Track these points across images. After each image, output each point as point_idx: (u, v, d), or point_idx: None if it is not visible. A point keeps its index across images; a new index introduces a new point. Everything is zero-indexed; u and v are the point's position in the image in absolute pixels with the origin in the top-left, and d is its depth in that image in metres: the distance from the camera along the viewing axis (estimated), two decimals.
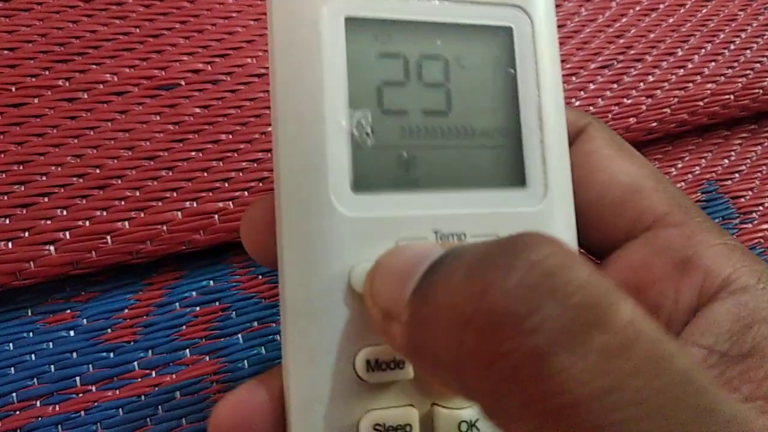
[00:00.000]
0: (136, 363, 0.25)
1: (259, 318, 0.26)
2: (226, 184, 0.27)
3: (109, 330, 0.25)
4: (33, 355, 0.25)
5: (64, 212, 0.25)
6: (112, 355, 0.25)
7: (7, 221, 0.25)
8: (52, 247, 0.25)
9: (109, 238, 0.25)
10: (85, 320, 0.25)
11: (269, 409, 0.17)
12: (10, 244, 0.25)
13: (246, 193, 0.27)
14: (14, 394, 0.24)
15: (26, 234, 0.25)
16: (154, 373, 0.25)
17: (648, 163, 0.20)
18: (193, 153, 0.27)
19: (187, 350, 0.25)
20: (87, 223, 0.25)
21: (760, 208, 0.32)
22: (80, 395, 0.24)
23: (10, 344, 0.25)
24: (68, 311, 0.25)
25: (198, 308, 0.26)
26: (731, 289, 0.17)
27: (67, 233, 0.25)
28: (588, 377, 0.11)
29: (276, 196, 0.17)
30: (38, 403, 0.24)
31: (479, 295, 0.12)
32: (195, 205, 0.26)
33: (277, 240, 0.17)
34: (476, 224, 0.18)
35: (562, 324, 0.11)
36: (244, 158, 0.27)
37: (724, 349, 0.16)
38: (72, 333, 0.25)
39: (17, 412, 0.24)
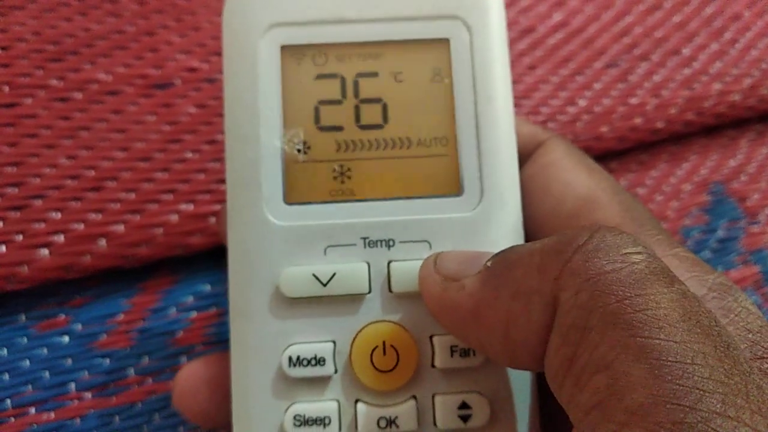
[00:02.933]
0: (132, 369, 0.24)
1: None
2: (223, 186, 0.26)
3: (104, 335, 0.25)
4: (27, 361, 0.24)
5: (58, 215, 0.25)
6: (107, 361, 0.24)
7: (1, 224, 0.25)
8: (46, 251, 0.24)
9: (103, 241, 0.25)
10: (79, 325, 0.25)
11: (210, 386, 0.20)
12: (3, 248, 0.24)
13: None
14: (9, 401, 0.24)
15: (20, 237, 0.24)
16: (150, 379, 0.24)
17: (607, 176, 0.20)
18: (189, 154, 0.26)
19: (184, 356, 0.25)
20: (81, 226, 0.25)
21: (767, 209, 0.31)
22: (75, 402, 0.24)
23: (4, 350, 0.24)
24: (62, 316, 0.25)
25: (195, 313, 0.26)
26: None
27: (62, 236, 0.25)
28: (667, 304, 0.13)
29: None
30: (33, 409, 0.24)
31: (580, 235, 0.15)
32: (191, 207, 0.26)
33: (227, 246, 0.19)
34: (406, 231, 0.19)
35: (658, 267, 0.14)
36: None
37: None
38: (66, 338, 0.25)
39: (12, 419, 0.23)
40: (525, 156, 0.21)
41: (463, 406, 0.18)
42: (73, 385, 0.24)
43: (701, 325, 0.13)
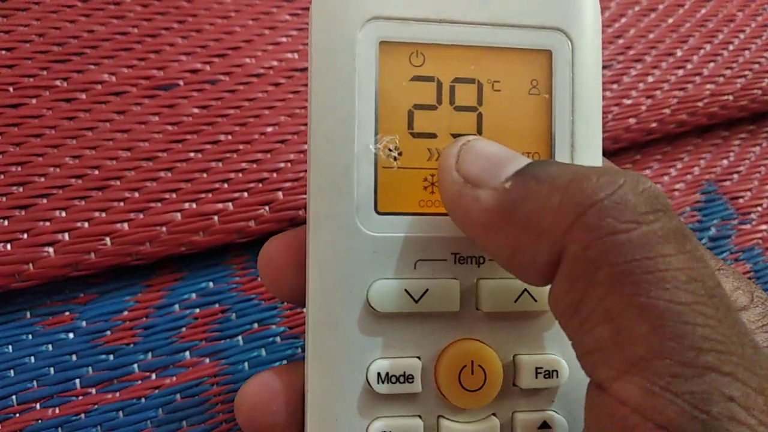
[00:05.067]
0: (136, 365, 0.25)
1: (259, 320, 0.26)
2: (226, 185, 0.27)
3: (109, 332, 0.25)
4: (32, 358, 0.24)
5: (63, 214, 0.25)
6: (111, 357, 0.25)
7: (6, 223, 0.25)
8: (51, 249, 0.25)
9: (108, 239, 0.25)
10: (84, 322, 0.25)
11: (285, 398, 0.19)
12: (8, 246, 0.25)
13: (245, 194, 0.26)
14: (14, 397, 0.24)
15: (25, 235, 0.25)
16: (154, 375, 0.25)
17: None
18: (192, 154, 0.27)
19: (187, 352, 0.25)
20: (86, 224, 0.25)
21: (759, 208, 0.32)
22: (80, 398, 0.24)
23: (9, 346, 0.25)
24: (67, 313, 0.25)
25: (198, 310, 0.26)
26: None
27: (66, 235, 0.25)
28: (675, 267, 0.14)
29: (307, 212, 0.18)
30: (38, 405, 0.24)
31: (602, 188, 0.15)
32: (194, 206, 0.26)
33: (306, 253, 0.18)
34: None
35: (673, 229, 0.14)
36: (243, 159, 0.27)
37: None
38: (71, 335, 0.25)
39: (17, 415, 0.24)
40: None
41: (544, 425, 0.18)
42: (77, 381, 0.24)
43: (706, 287, 0.14)
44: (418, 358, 0.18)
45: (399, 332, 0.18)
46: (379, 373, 0.17)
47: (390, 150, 0.18)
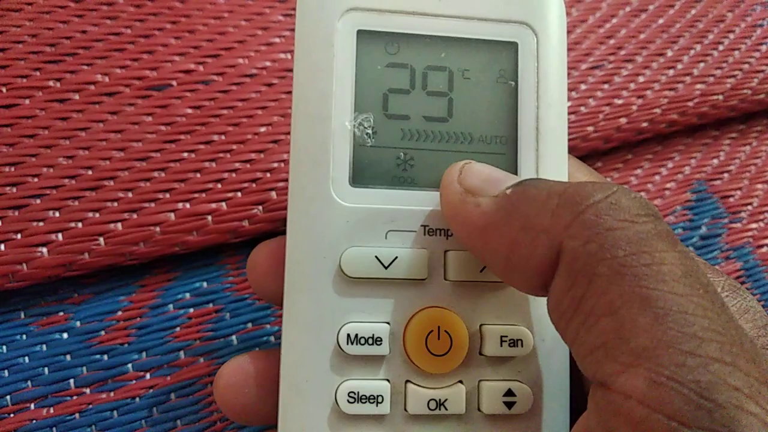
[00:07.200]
0: (130, 365, 0.25)
1: (253, 319, 0.26)
2: (219, 185, 0.27)
3: (103, 332, 0.25)
4: (27, 358, 0.25)
5: (57, 214, 0.25)
6: (106, 357, 0.25)
7: (0, 223, 0.25)
8: (44, 249, 0.25)
9: (102, 239, 0.25)
10: (78, 322, 0.25)
11: (256, 380, 0.20)
12: (2, 246, 0.25)
13: (239, 194, 0.27)
14: (8, 397, 0.24)
15: (18, 236, 0.25)
16: (148, 375, 0.25)
17: (604, 179, 0.21)
18: (186, 154, 0.27)
19: (182, 352, 0.25)
20: (80, 224, 0.25)
21: (749, 207, 0.32)
22: (74, 397, 0.24)
23: (4, 347, 0.25)
24: (61, 313, 0.25)
25: (192, 310, 0.26)
26: None
27: (60, 235, 0.25)
28: (671, 261, 0.14)
29: (288, 186, 0.20)
30: (32, 405, 0.24)
31: (598, 192, 0.15)
32: (188, 206, 0.26)
33: (287, 222, 0.19)
34: None
35: (664, 231, 0.15)
36: (236, 159, 0.27)
37: None
38: (65, 335, 0.25)
39: (11, 415, 0.24)
40: None
41: (509, 393, 0.19)
42: (72, 381, 0.24)
43: (700, 283, 0.14)
44: (388, 323, 0.19)
45: (370, 298, 0.19)
46: (348, 335, 0.18)
47: (364, 127, 0.19)
